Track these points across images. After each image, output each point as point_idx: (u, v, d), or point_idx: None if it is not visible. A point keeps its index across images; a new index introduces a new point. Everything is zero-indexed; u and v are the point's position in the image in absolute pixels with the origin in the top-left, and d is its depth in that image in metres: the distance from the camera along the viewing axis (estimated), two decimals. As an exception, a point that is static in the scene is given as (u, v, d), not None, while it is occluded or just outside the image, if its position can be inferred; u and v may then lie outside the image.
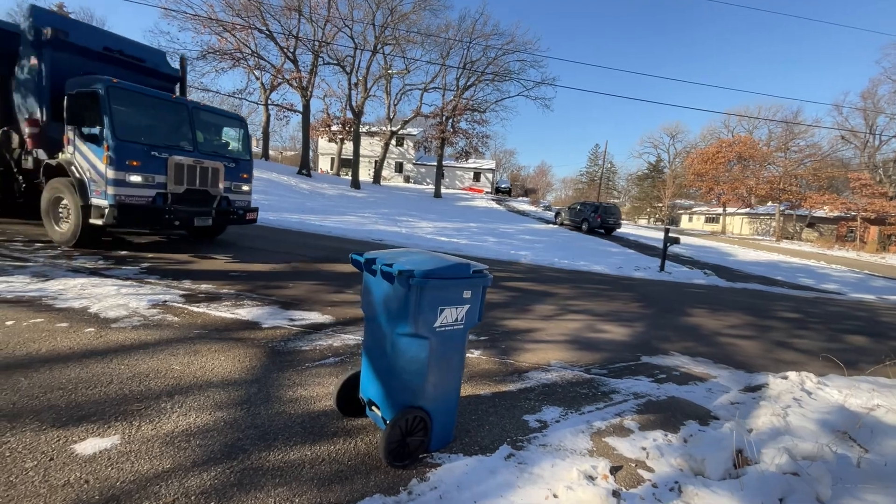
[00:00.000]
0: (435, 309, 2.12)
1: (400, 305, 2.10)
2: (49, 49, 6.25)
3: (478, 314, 2.33)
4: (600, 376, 3.75)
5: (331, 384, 3.00)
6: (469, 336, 4.12)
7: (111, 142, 5.87)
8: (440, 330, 2.16)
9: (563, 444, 2.53)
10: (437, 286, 2.08)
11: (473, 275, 2.23)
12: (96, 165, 6.02)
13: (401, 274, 1.99)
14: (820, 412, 2.80)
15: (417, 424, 2.18)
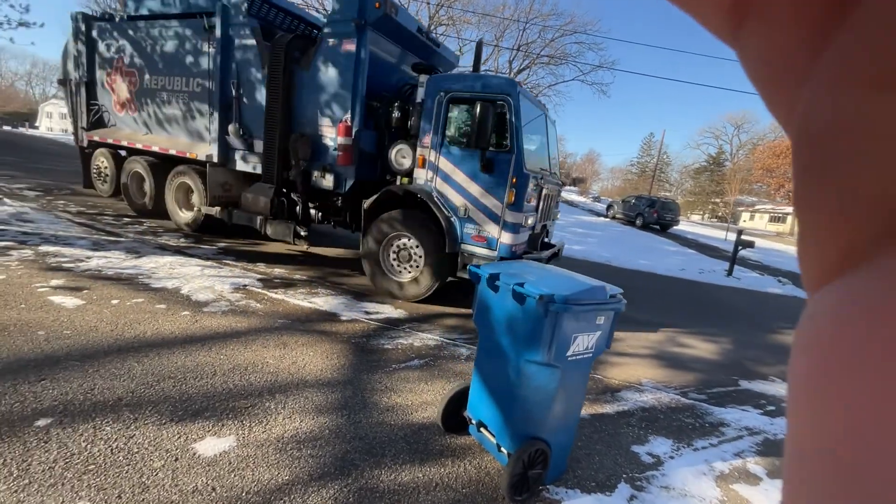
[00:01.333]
0: (569, 336, 1.92)
1: (532, 331, 1.91)
2: (369, 31, 4.70)
3: (607, 340, 2.11)
4: (700, 402, 3.44)
5: (423, 392, 2.90)
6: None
7: (518, 173, 4.26)
8: (571, 359, 1.96)
9: (686, 488, 2.29)
10: (575, 313, 1.86)
11: (610, 300, 2.00)
12: (482, 202, 4.44)
13: (541, 298, 1.79)
14: None
15: (538, 457, 2.01)
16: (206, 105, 5.94)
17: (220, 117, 5.78)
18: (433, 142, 4.66)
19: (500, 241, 4.42)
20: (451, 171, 4.60)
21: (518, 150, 4.26)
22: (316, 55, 5.03)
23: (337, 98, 5.00)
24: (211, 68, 5.74)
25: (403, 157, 4.92)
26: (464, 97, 4.56)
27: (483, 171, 4.37)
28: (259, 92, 5.51)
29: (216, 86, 5.72)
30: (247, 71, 5.59)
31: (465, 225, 4.58)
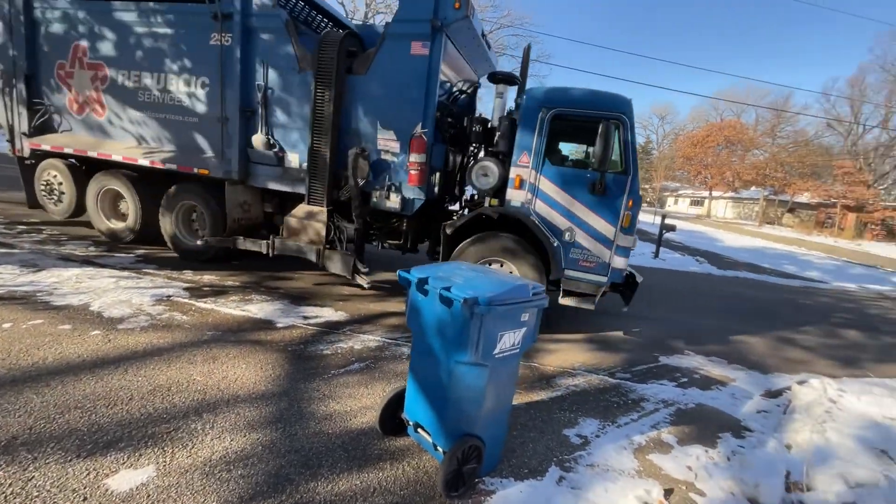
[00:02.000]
0: (495, 335, 2.00)
1: (459, 333, 1.96)
2: (441, 35, 4.25)
3: (533, 336, 2.22)
4: (625, 381, 3.74)
5: (363, 396, 2.88)
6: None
7: (634, 195, 4.10)
8: (499, 356, 2.05)
9: (609, 463, 2.49)
10: (499, 313, 1.94)
11: (533, 297, 2.10)
12: (592, 225, 4.19)
13: (466, 302, 1.84)
14: (854, 427, 2.83)
15: (472, 453, 2.09)
16: (216, 110, 5.00)
17: (241, 126, 4.97)
18: (533, 161, 4.30)
19: (612, 265, 4.23)
20: (555, 192, 4.29)
21: (634, 172, 4.11)
22: (377, 58, 4.45)
23: (404, 108, 4.45)
24: (223, 66, 4.83)
25: (485, 174, 4.46)
26: (571, 115, 4.29)
27: (594, 193, 4.14)
28: (294, 98, 4.79)
29: (235, 88, 4.86)
30: (277, 72, 4.80)
31: (570, 250, 4.31)
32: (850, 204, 31.28)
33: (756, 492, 2.23)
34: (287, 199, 5.33)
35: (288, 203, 5.31)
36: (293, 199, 5.16)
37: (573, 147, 5.22)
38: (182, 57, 5.08)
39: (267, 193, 5.38)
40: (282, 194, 5.27)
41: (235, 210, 5.17)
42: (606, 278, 4.26)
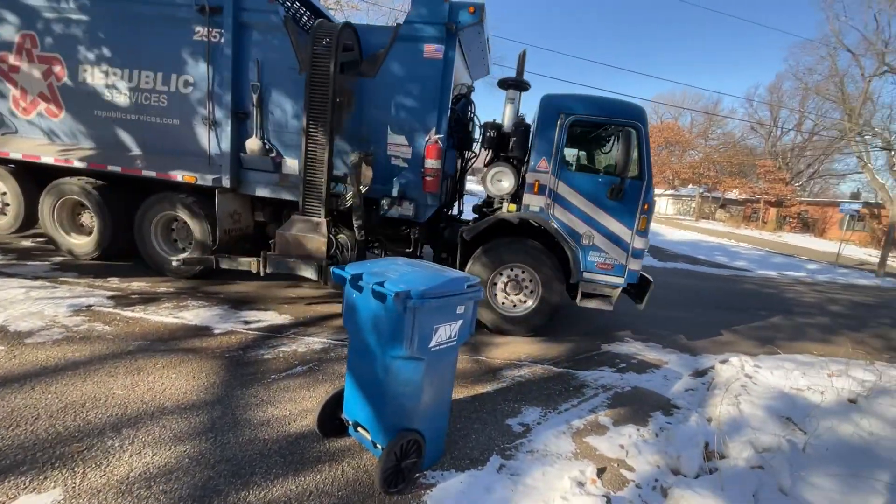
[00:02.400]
0: (430, 329, 2.00)
1: (393, 327, 1.95)
2: (455, 39, 4.22)
3: (470, 328, 2.25)
4: (568, 369, 3.89)
5: (304, 399, 2.80)
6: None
7: (649, 200, 4.26)
8: (435, 349, 2.06)
9: (548, 448, 2.58)
10: (433, 306, 1.95)
11: (468, 289, 2.13)
12: (610, 229, 4.33)
13: (397, 296, 1.84)
14: (765, 398, 3.12)
15: (412, 447, 2.09)
16: (202, 112, 4.60)
17: (234, 129, 4.59)
18: (552, 167, 4.33)
19: (629, 267, 4.37)
20: (573, 197, 4.35)
21: (649, 177, 4.25)
22: (387, 60, 4.24)
23: (416, 112, 4.36)
24: (212, 65, 4.44)
25: (500, 179, 4.45)
26: (589, 121, 4.43)
27: (612, 198, 4.25)
28: (293, 100, 4.48)
29: (226, 89, 4.47)
30: (275, 72, 4.49)
31: (589, 253, 4.40)
32: (771, 199, 34.42)
33: (678, 463, 2.40)
34: (282, 208, 5.03)
35: (283, 211, 5.02)
36: (289, 208, 4.85)
37: (581, 152, 5.38)
38: (159, 53, 4.56)
39: (258, 201, 5.02)
40: (276, 202, 4.94)
41: (226, 220, 4.73)
42: (623, 279, 4.41)
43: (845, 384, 3.49)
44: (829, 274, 14.35)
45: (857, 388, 3.43)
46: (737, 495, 2.03)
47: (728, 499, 2.01)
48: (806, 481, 2.20)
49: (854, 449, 2.59)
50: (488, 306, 4.50)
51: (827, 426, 2.78)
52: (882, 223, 20.95)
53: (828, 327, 6.87)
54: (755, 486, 2.07)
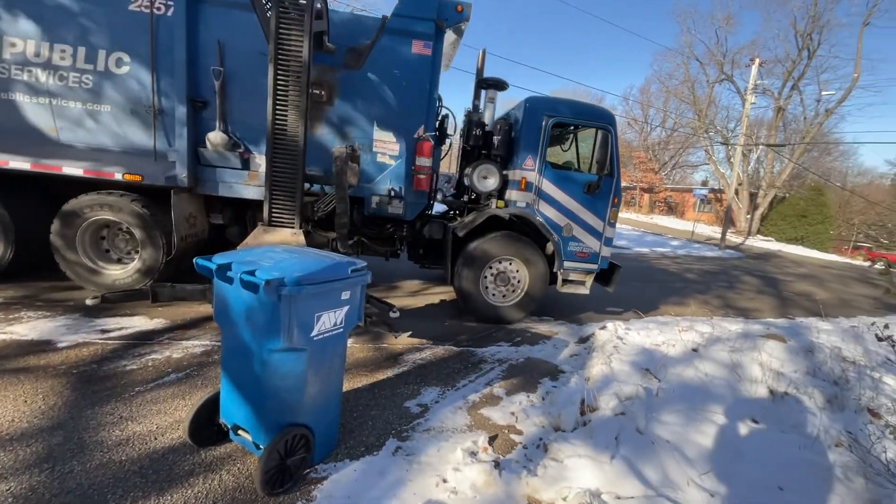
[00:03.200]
0: (311, 317, 1.90)
1: (269, 318, 1.81)
2: (443, 36, 4.23)
3: (357, 313, 2.19)
4: (468, 347, 4.04)
5: (178, 409, 2.49)
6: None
7: (618, 194, 4.86)
8: (318, 338, 1.96)
9: (444, 424, 2.65)
10: (312, 293, 1.85)
11: (352, 274, 2.06)
12: (586, 221, 4.79)
13: (268, 284, 1.69)
14: (631, 355, 3.59)
15: (299, 443, 1.97)
16: (144, 98, 3.88)
17: (190, 120, 3.94)
18: (537, 165, 4.64)
19: (601, 254, 4.89)
20: (555, 192, 4.72)
21: (618, 174, 4.77)
22: (373, 53, 3.98)
23: (404, 109, 4.25)
24: (157, 42, 3.74)
25: (486, 176, 4.67)
26: (569, 123, 4.86)
27: (589, 193, 4.70)
28: (263, 87, 3.65)
29: (179, 73, 3.81)
30: (241, 56, 3.94)
31: (569, 243, 4.80)
32: (644, 187, 39.64)
33: (559, 420, 2.65)
34: (246, 209, 4.49)
35: (248, 213, 4.50)
36: (254, 209, 4.37)
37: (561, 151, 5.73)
38: (80, 23, 3.71)
39: (216, 202, 4.39)
40: (237, 203, 4.37)
41: (182, 225, 4.05)
42: (597, 266, 4.91)
43: (691, 337, 4.16)
44: (686, 248, 17.03)
45: (699, 339, 4.11)
46: (602, 440, 2.30)
47: (595, 445, 2.27)
48: (657, 420, 2.58)
49: (694, 389, 3.10)
50: (480, 298, 4.73)
51: (675, 373, 3.29)
52: (723, 205, 25.53)
53: (683, 291, 8.15)
54: (617, 430, 2.37)
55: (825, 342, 4.39)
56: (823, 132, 27.42)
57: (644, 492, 1.97)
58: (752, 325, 4.93)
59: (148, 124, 3.98)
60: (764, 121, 29.83)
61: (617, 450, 2.24)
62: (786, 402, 3.04)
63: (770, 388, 3.21)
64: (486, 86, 5.06)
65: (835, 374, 3.64)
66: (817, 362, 3.83)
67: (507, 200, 4.77)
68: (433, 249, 5.27)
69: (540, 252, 4.82)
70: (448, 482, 2.08)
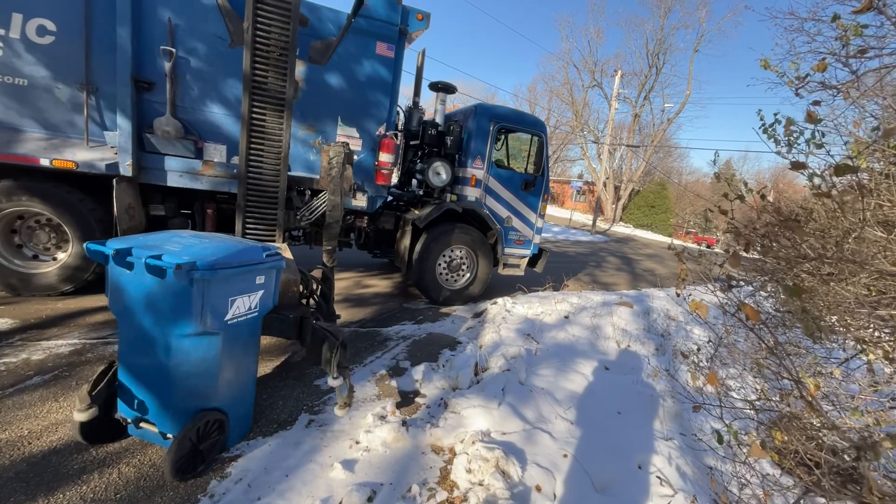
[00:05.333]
0: (225, 301, 1.93)
1: (178, 304, 1.80)
2: (404, 41, 4.46)
3: (273, 297, 2.24)
4: (374, 328, 4.24)
5: (51, 412, 2.26)
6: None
7: (547, 191, 5.87)
8: (232, 322, 1.99)
9: (354, 395, 2.84)
10: (226, 276, 1.88)
11: (268, 258, 2.11)
12: (523, 213, 5.72)
13: (179, 268, 1.69)
14: (517, 324, 4.18)
15: (213, 427, 2.00)
16: (74, 75, 3.42)
17: (133, 102, 3.52)
18: (485, 164, 5.34)
19: (534, 241, 5.92)
20: (499, 189, 5.51)
21: (547, 173, 5.73)
22: (338, 50, 4.07)
23: (368, 107, 4.41)
24: (90, 10, 3.31)
25: (438, 172, 5.13)
26: (511, 128, 5.66)
27: (525, 190, 5.60)
28: (221, 74, 3.83)
29: (122, 49, 3.40)
30: (194, 38, 3.70)
31: (509, 232, 5.65)
32: (532, 178, 43.37)
33: (457, 382, 3.04)
34: (193, 199, 4.17)
35: (195, 204, 4.19)
36: (202, 199, 4.15)
37: (503, 153, 6.39)
38: None
39: (156, 192, 3.98)
40: (180, 193, 4.04)
41: (124, 217, 3.60)
42: (530, 251, 5.89)
43: (564, 307, 4.96)
44: (565, 234, 19.32)
45: (570, 308, 4.93)
46: (491, 392, 2.74)
47: (486, 395, 2.70)
48: (535, 373, 3.13)
49: (565, 347, 3.79)
50: (435, 283, 5.26)
51: (550, 336, 3.95)
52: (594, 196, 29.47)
53: (561, 270, 9.40)
54: (503, 384, 2.84)
55: (658, 306, 5.60)
56: (666, 137, 33.17)
57: (523, 427, 2.45)
58: (610, 295, 6.02)
59: (79, 104, 3.50)
60: (625, 124, 34.89)
61: (503, 398, 2.69)
62: (628, 353, 3.90)
63: (617, 342, 4.06)
64: (437, 89, 5.38)
65: (662, 329, 4.72)
66: (651, 321, 4.91)
67: (458, 194, 5.38)
68: (383, 239, 5.51)
69: (485, 240, 5.48)
70: (360, 443, 2.30)
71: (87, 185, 3.75)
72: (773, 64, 2.08)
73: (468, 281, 5.53)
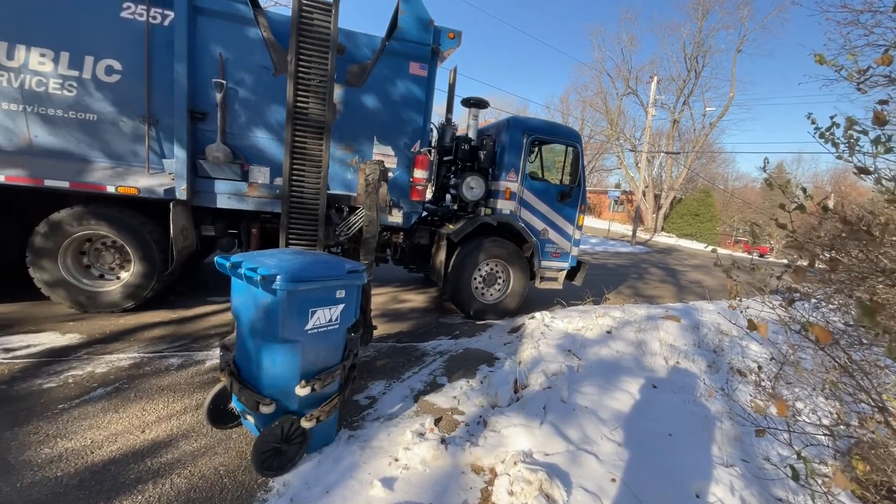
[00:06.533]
0: (306, 312, 2.03)
1: (267, 310, 1.98)
2: (437, 60, 4.60)
3: (354, 312, 2.29)
4: (411, 343, 4.25)
5: (112, 423, 2.40)
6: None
7: (585, 201, 5.72)
8: (312, 332, 2.08)
9: (392, 412, 2.83)
10: (306, 289, 1.99)
11: (348, 274, 2.18)
12: (560, 225, 5.62)
13: (264, 279, 1.84)
14: (556, 339, 4.05)
15: (295, 430, 2.10)
16: (137, 108, 3.75)
17: (189, 131, 3.81)
18: (519, 177, 5.30)
19: (571, 254, 5.76)
20: (534, 201, 5.43)
21: (584, 184, 5.59)
22: (373, 73, 4.26)
23: (403, 125, 4.52)
24: (153, 51, 3.68)
25: (472, 187, 5.13)
26: (545, 140, 5.63)
27: (561, 201, 5.49)
28: (265, 101, 4.08)
29: (179, 84, 3.72)
30: (243, 70, 3.98)
31: (545, 245, 5.54)
32: (566, 189, 42.63)
33: (496, 399, 2.96)
34: (239, 220, 4.46)
35: (241, 224, 4.47)
36: (247, 220, 4.43)
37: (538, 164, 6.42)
38: (63, 26, 3.52)
39: (207, 214, 4.28)
40: (229, 214, 4.33)
41: (179, 237, 3.94)
42: (568, 264, 5.75)
43: (606, 322, 4.76)
44: (604, 245, 18.75)
45: (612, 323, 4.72)
46: (533, 411, 2.64)
47: (527, 414, 2.61)
48: (578, 391, 3.00)
49: (608, 364, 3.62)
50: (471, 297, 5.23)
51: (593, 352, 3.79)
52: (633, 205, 28.47)
53: (600, 282, 9.08)
54: (545, 402, 2.74)
55: (708, 320, 5.26)
56: (709, 142, 31.74)
57: (567, 447, 2.34)
58: (655, 308, 5.74)
59: (141, 136, 3.83)
60: (663, 131, 33.74)
61: (545, 417, 2.59)
62: (677, 370, 3.67)
63: (665, 358, 3.84)
64: (469, 105, 5.47)
65: (714, 344, 4.42)
66: (701, 336, 4.62)
67: (492, 208, 5.33)
68: (419, 254, 5.56)
69: (521, 253, 5.41)
70: (399, 460, 2.27)
71: (147, 209, 4.06)
72: (828, 59, 1.94)
73: (504, 295, 5.45)
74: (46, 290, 3.86)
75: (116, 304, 4.05)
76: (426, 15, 4.35)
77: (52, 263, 3.83)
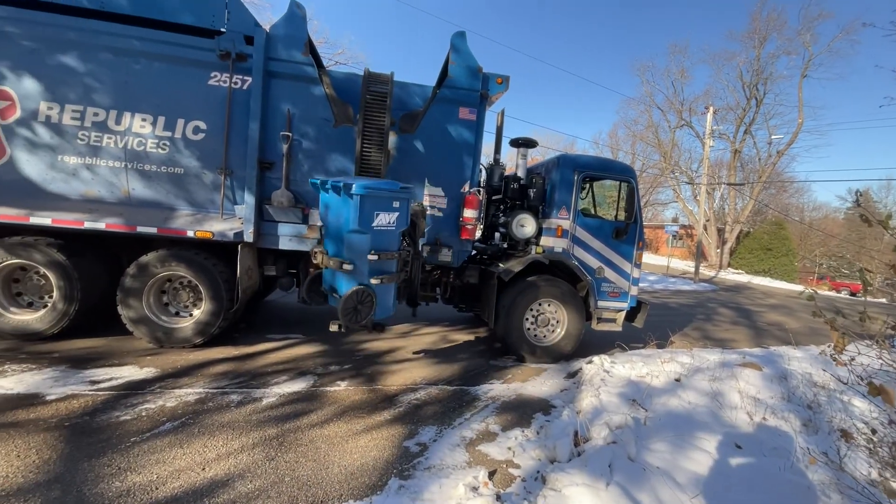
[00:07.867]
0: (372, 213, 3.30)
1: (346, 211, 3.27)
2: (485, 104, 4.79)
3: (405, 220, 3.57)
4: (461, 386, 4.11)
5: (176, 458, 2.48)
6: (331, 366, 4.18)
7: (642, 238, 5.48)
8: (377, 229, 3.34)
9: (444, 462, 2.70)
10: (371, 196, 3.24)
11: (401, 190, 3.39)
12: (616, 263, 5.35)
13: (346, 186, 3.20)
14: (618, 387, 3.74)
15: (365, 297, 3.35)
16: (216, 161, 4.21)
17: (258, 180, 4.26)
18: (571, 214, 5.19)
19: (630, 293, 5.44)
20: (588, 238, 5.26)
21: (640, 220, 5.38)
22: (426, 119, 4.52)
23: (453, 167, 4.74)
24: (233, 112, 4.16)
25: (523, 225, 5.12)
26: (597, 176, 5.51)
27: (617, 238, 5.27)
28: (326, 150, 4.46)
29: (253, 139, 4.19)
30: (307, 123, 4.38)
31: (601, 284, 5.29)
32: (619, 224, 41.08)
33: (554, 452, 2.73)
34: (298, 260, 4.78)
35: (300, 263, 4.77)
36: (306, 260, 4.64)
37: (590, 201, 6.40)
38: (161, 94, 4.10)
39: (269, 254, 4.64)
40: (289, 255, 4.68)
41: (244, 277, 4.30)
42: (627, 304, 5.42)
43: (673, 368, 4.35)
44: (663, 283, 17.58)
45: (681, 370, 4.31)
46: (597, 468, 2.40)
47: (590, 472, 2.37)
48: (647, 448, 2.70)
49: (680, 417, 3.26)
50: (523, 339, 5.01)
51: (660, 402, 3.44)
52: (694, 240, 26.75)
53: (662, 324, 8.43)
54: (610, 459, 2.48)
55: (797, 369, 4.64)
56: (777, 171, 29.56)
57: (639, 516, 2.07)
58: (730, 354, 5.18)
59: (217, 185, 4.26)
60: (723, 161, 32.01)
61: (611, 477, 2.34)
62: (765, 428, 3.22)
63: (749, 413, 3.39)
64: (518, 144, 5.61)
65: (807, 398, 3.86)
66: (791, 388, 4.06)
67: (543, 246, 5.21)
68: (468, 293, 5.56)
69: (576, 293, 5.20)
70: (452, 517, 2.13)
71: (218, 252, 4.40)
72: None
73: (558, 336, 5.19)
74: (131, 326, 4.23)
75: (188, 340, 4.33)
76: (475, 63, 4.57)
77: (138, 301, 4.20)
